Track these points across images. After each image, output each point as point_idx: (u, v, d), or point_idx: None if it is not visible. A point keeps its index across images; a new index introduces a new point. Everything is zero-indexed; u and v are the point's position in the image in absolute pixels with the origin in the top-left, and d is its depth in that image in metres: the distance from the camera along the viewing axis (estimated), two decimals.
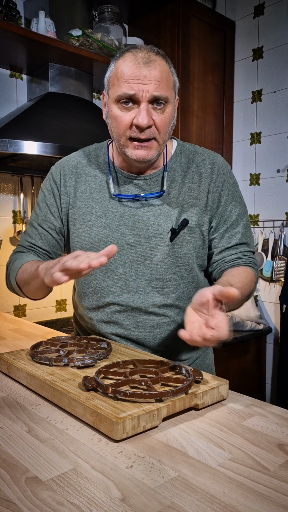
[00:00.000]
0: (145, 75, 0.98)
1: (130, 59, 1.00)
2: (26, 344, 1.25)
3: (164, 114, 1.02)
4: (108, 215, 1.12)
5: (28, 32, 1.81)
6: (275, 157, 2.57)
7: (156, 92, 0.98)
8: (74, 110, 2.03)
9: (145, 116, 0.98)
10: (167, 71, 1.02)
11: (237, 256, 1.13)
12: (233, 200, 1.14)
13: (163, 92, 1.00)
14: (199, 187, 1.12)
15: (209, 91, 2.57)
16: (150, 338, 1.13)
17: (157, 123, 1.01)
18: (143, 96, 0.98)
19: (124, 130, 1.02)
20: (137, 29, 2.55)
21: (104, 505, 0.52)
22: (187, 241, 1.10)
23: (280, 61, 2.53)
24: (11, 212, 2.16)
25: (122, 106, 1.01)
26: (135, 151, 1.03)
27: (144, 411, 0.70)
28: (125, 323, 1.13)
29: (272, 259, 2.55)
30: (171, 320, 1.13)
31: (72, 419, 0.75)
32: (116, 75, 1.01)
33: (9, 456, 0.64)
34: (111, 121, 1.05)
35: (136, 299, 1.11)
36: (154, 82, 0.98)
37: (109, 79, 1.04)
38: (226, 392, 0.83)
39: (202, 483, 0.57)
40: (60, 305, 2.38)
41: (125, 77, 0.99)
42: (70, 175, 1.18)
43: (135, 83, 0.98)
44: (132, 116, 1.00)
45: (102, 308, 1.15)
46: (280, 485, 0.56)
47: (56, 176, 1.19)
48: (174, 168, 1.13)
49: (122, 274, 1.11)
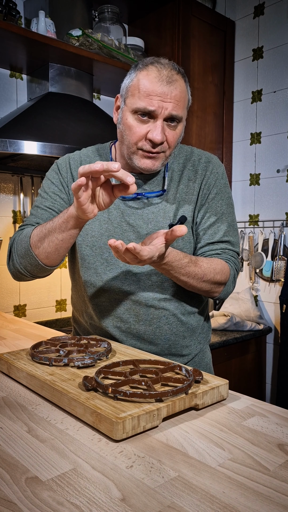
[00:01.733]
0: (166, 93, 1.01)
1: (154, 74, 1.02)
2: (26, 344, 1.25)
3: (176, 131, 1.07)
4: (110, 211, 1.15)
5: (28, 32, 1.81)
6: (275, 157, 2.57)
7: (174, 112, 1.03)
8: (74, 110, 2.03)
9: (160, 133, 1.02)
10: (185, 91, 1.06)
11: (216, 252, 1.14)
12: (221, 198, 1.17)
13: (179, 112, 1.04)
14: (194, 184, 1.16)
15: (209, 91, 2.56)
16: (149, 331, 1.15)
17: (169, 139, 1.05)
18: (161, 113, 1.02)
19: (137, 140, 1.05)
20: (137, 29, 2.55)
21: (104, 505, 0.52)
22: (183, 237, 1.13)
23: (280, 61, 2.53)
24: (11, 212, 2.16)
25: (138, 118, 1.04)
26: (142, 160, 1.07)
27: (144, 411, 0.70)
28: (125, 316, 1.15)
29: (272, 259, 2.55)
30: (170, 313, 1.15)
31: (72, 419, 0.75)
32: (138, 86, 1.03)
33: (9, 456, 0.64)
34: (125, 129, 1.07)
35: (136, 292, 1.14)
36: (174, 101, 1.02)
37: (128, 88, 1.06)
38: (226, 392, 0.83)
39: (202, 483, 0.57)
40: (60, 305, 2.38)
41: (147, 91, 1.01)
42: (75, 169, 1.19)
43: (156, 99, 1.01)
44: (147, 129, 1.04)
45: (102, 302, 1.17)
46: (280, 485, 0.56)
47: (62, 168, 1.20)
48: (173, 167, 1.17)
49: (123, 267, 1.14)
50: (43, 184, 1.22)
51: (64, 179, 1.19)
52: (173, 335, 1.17)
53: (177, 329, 1.17)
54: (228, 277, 1.13)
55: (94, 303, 1.19)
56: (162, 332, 1.16)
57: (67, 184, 1.18)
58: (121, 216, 1.14)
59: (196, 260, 1.06)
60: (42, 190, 1.20)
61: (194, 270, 1.05)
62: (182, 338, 1.18)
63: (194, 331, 1.21)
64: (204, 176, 1.16)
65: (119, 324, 1.16)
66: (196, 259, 1.06)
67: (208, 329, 1.28)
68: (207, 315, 1.28)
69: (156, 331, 1.15)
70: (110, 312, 1.17)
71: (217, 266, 1.09)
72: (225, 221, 1.16)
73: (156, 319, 1.15)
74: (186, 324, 1.18)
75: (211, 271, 1.08)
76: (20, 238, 1.12)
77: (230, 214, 1.18)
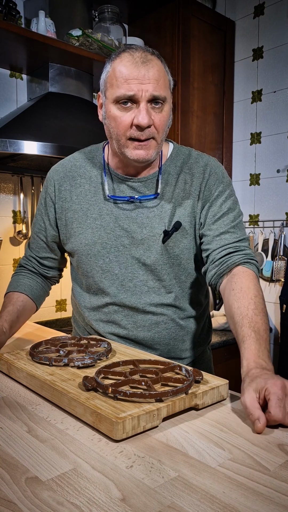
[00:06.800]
0: (143, 75, 0.98)
1: (127, 59, 0.99)
2: (26, 344, 1.25)
3: (162, 113, 1.02)
4: (103, 217, 1.12)
5: (28, 32, 1.81)
6: (275, 157, 2.57)
7: (155, 92, 0.99)
8: (74, 110, 2.03)
9: (145, 116, 0.98)
10: (163, 70, 1.03)
11: (227, 251, 1.06)
12: (225, 196, 1.11)
13: (161, 91, 1.00)
14: (190, 187, 1.11)
15: (209, 91, 2.56)
16: (148, 337, 1.13)
17: (156, 122, 1.01)
18: (143, 96, 0.98)
19: (124, 130, 1.01)
20: (137, 29, 2.55)
21: (104, 505, 0.52)
22: (179, 242, 1.10)
23: (280, 61, 2.53)
24: (11, 212, 2.16)
25: (121, 107, 1.00)
26: (135, 151, 1.03)
27: (144, 411, 0.70)
28: (123, 323, 1.14)
29: (272, 259, 2.55)
30: (168, 318, 1.13)
31: (72, 419, 0.75)
32: (114, 75, 1.00)
33: (9, 456, 0.64)
34: (110, 122, 1.04)
35: (133, 299, 1.12)
36: (153, 81, 0.98)
37: (106, 80, 1.03)
38: (226, 392, 0.83)
39: (202, 483, 0.57)
40: (60, 305, 2.38)
41: (123, 77, 0.98)
42: (65, 178, 1.18)
43: (134, 83, 0.98)
44: (131, 116, 1.00)
45: (100, 309, 1.16)
46: (280, 485, 0.56)
47: (49, 183, 1.20)
48: (169, 170, 1.13)
49: (118, 274, 1.12)
50: (38, 204, 1.26)
51: (51, 194, 1.19)
52: (172, 340, 1.15)
53: (176, 334, 1.15)
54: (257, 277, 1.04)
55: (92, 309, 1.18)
56: (161, 338, 1.14)
57: (52, 201, 1.19)
58: (114, 222, 1.11)
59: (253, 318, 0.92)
60: (37, 212, 1.25)
61: (265, 325, 0.91)
62: (182, 342, 1.17)
63: (194, 334, 1.19)
64: (203, 179, 1.11)
65: (117, 331, 1.15)
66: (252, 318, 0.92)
67: (208, 330, 1.27)
68: (207, 316, 1.27)
69: (155, 336, 1.14)
70: (108, 318, 1.15)
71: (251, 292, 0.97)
72: (230, 214, 1.10)
73: (154, 325, 1.13)
74: (185, 328, 1.16)
75: (259, 301, 0.96)
76: (9, 284, 1.27)
77: (235, 208, 1.12)
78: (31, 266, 1.28)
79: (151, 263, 1.10)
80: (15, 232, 2.16)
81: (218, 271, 1.06)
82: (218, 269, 1.06)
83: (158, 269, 1.10)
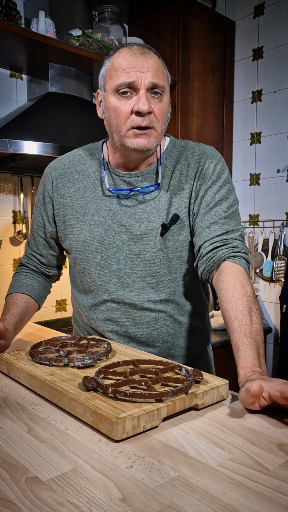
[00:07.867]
0: (142, 64, 1.00)
1: (126, 51, 1.02)
2: (26, 344, 1.25)
3: (161, 103, 1.04)
4: (101, 213, 1.12)
5: (28, 32, 1.81)
6: (275, 157, 2.57)
7: (154, 80, 1.01)
8: (74, 110, 2.03)
9: (146, 102, 1.00)
10: (161, 64, 1.05)
11: (214, 245, 1.03)
12: (219, 184, 1.08)
13: (160, 80, 1.02)
14: (186, 177, 1.10)
15: (209, 91, 2.56)
16: (147, 334, 1.13)
17: (155, 111, 1.02)
18: (142, 83, 1.00)
19: (124, 119, 1.02)
20: (137, 29, 2.55)
21: (104, 505, 0.52)
22: (177, 235, 1.10)
23: (280, 61, 2.53)
24: (11, 212, 2.16)
25: (121, 96, 1.02)
26: (135, 140, 1.03)
27: (144, 411, 0.70)
28: (121, 320, 1.14)
29: (272, 259, 2.55)
30: (167, 315, 1.13)
31: (72, 419, 0.75)
32: (113, 67, 1.02)
33: (9, 456, 0.64)
34: (110, 114, 1.05)
35: (131, 295, 1.12)
36: (152, 70, 1.01)
37: (105, 74, 1.05)
38: (226, 392, 0.83)
39: (202, 483, 0.57)
40: (60, 305, 2.38)
41: (122, 67, 1.01)
42: (63, 175, 1.18)
43: (133, 71, 1.00)
44: (131, 104, 1.01)
45: (98, 307, 1.16)
46: (280, 485, 0.56)
47: (47, 179, 1.20)
48: (166, 163, 1.13)
49: (116, 271, 1.12)
50: (36, 200, 1.26)
51: (49, 191, 1.20)
52: (171, 337, 1.15)
53: (175, 330, 1.15)
54: (247, 274, 1.01)
55: (90, 307, 1.18)
56: (160, 334, 1.14)
57: (50, 197, 1.20)
58: (112, 218, 1.11)
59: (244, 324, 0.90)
60: (36, 208, 1.25)
61: (256, 325, 0.90)
62: (181, 339, 1.16)
63: (194, 331, 1.19)
64: (198, 167, 1.09)
65: (116, 328, 1.14)
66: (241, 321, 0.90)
67: (209, 329, 1.27)
68: (207, 315, 1.27)
69: (154, 333, 1.13)
70: (106, 316, 1.15)
71: (237, 291, 0.95)
72: (223, 204, 1.07)
73: (153, 322, 1.13)
74: (184, 324, 1.16)
75: (246, 300, 0.93)
76: (10, 284, 1.27)
77: (229, 197, 1.09)
78: (32, 265, 1.28)
79: (150, 257, 1.10)
80: (15, 232, 2.16)
81: (206, 267, 1.05)
82: (206, 265, 1.05)
83: (156, 263, 1.10)
